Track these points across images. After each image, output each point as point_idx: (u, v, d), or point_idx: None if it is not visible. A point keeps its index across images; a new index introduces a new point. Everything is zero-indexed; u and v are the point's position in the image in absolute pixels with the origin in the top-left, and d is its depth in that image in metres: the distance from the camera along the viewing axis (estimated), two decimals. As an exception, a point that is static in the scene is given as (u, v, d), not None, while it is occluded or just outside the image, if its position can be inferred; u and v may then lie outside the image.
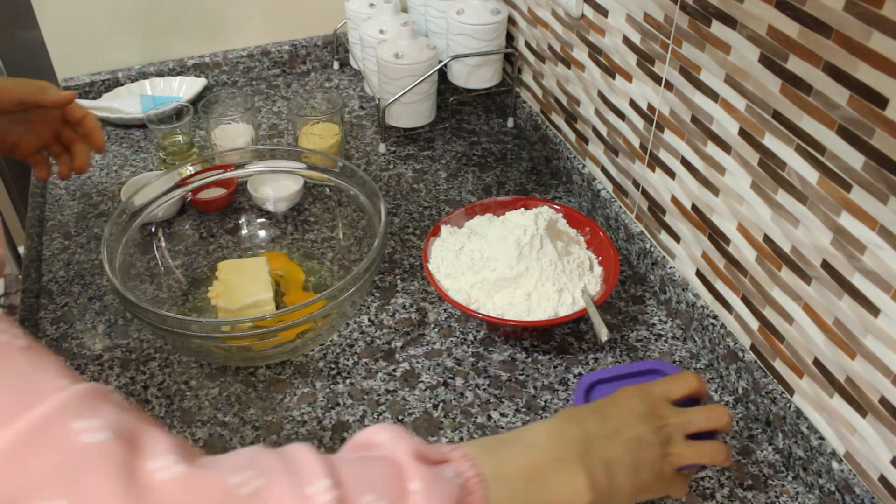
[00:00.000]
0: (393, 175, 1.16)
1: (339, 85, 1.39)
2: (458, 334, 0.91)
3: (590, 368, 0.87)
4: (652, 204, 0.95)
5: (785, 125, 0.70)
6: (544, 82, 1.17)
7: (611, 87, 0.98)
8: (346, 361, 0.88)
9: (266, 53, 1.39)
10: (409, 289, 0.97)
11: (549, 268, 0.86)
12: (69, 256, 1.02)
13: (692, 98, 0.82)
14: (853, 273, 0.66)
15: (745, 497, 0.75)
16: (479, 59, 1.18)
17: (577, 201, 1.12)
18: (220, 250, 1.00)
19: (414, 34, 1.14)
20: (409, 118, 1.19)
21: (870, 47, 0.59)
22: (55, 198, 1.12)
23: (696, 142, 0.83)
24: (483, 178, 1.16)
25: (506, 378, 0.86)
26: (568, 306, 0.85)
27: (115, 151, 1.22)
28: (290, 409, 0.83)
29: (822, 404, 0.73)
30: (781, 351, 0.77)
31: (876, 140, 0.60)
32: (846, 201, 0.65)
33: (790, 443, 0.76)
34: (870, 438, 0.68)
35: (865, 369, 0.67)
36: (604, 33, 0.97)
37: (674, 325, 0.92)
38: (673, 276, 0.92)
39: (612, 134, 1.01)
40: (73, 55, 1.30)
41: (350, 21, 1.30)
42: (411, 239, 1.05)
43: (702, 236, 0.86)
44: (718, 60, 0.76)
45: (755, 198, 0.76)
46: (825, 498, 0.73)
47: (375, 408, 0.83)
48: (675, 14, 0.81)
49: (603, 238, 0.93)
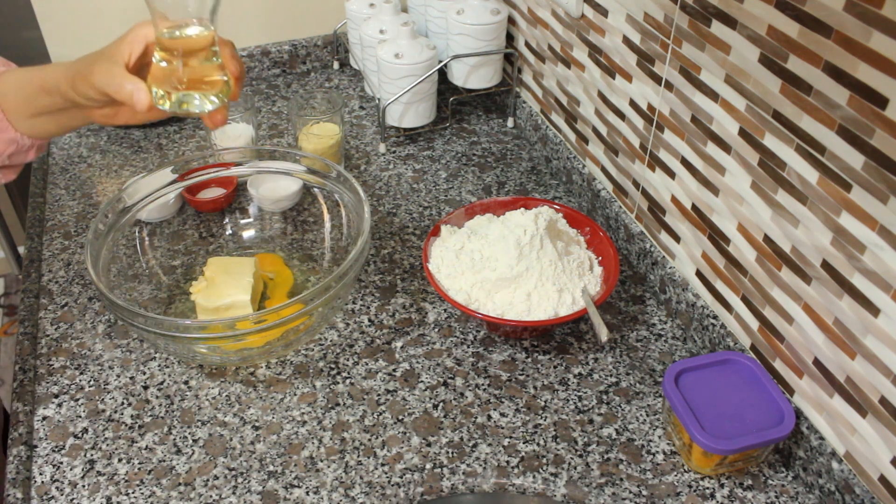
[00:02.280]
0: (393, 175, 1.16)
1: (339, 85, 1.39)
2: (458, 334, 0.91)
3: (590, 369, 0.87)
4: (652, 204, 0.95)
5: (785, 125, 0.70)
6: (544, 82, 1.17)
7: (611, 87, 0.98)
8: (346, 361, 0.88)
9: (266, 53, 1.39)
10: (409, 289, 0.97)
11: (549, 268, 0.86)
12: (69, 256, 1.02)
13: (692, 98, 0.82)
14: (853, 273, 0.66)
15: (745, 497, 0.75)
16: (479, 59, 1.18)
17: (577, 201, 1.12)
18: (219, 250, 1.00)
19: (414, 34, 1.14)
20: (409, 118, 1.19)
21: (870, 47, 0.59)
22: (55, 198, 1.12)
23: (696, 142, 0.83)
24: (483, 178, 1.16)
25: (506, 378, 0.86)
26: (568, 306, 0.85)
27: (115, 151, 1.22)
28: (290, 409, 0.83)
29: (822, 404, 0.73)
30: (781, 351, 0.77)
31: (876, 140, 0.60)
32: (846, 201, 0.65)
33: (790, 443, 0.76)
34: (870, 438, 0.68)
35: (865, 369, 0.67)
36: (604, 33, 0.97)
37: (674, 325, 0.92)
38: (673, 276, 0.92)
39: (612, 134, 1.00)
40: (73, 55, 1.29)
41: (350, 21, 1.30)
42: (411, 239, 1.05)
43: (702, 236, 0.86)
44: (718, 60, 0.76)
45: (755, 198, 0.76)
46: (825, 498, 0.73)
47: (375, 408, 0.83)
48: (675, 14, 0.81)
49: (603, 238, 0.93)
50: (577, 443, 0.79)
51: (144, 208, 0.91)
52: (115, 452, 0.78)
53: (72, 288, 0.97)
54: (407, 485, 0.76)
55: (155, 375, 0.86)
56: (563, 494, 0.75)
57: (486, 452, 0.78)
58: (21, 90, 0.73)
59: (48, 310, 0.94)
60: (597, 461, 0.78)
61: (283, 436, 0.80)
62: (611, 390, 0.85)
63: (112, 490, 0.75)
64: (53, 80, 0.71)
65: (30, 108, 0.74)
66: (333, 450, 0.79)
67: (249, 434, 0.80)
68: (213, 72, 0.70)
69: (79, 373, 0.86)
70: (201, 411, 0.82)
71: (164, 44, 0.67)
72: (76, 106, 0.72)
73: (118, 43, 0.70)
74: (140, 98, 0.67)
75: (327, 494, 0.75)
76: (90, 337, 0.91)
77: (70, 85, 0.70)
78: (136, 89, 0.67)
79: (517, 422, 0.81)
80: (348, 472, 0.77)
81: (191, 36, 0.67)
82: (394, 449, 0.79)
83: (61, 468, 0.77)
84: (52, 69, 0.72)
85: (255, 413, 0.82)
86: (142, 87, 0.68)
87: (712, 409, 0.74)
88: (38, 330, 0.92)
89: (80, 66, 0.70)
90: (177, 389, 0.85)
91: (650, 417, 0.82)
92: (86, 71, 0.69)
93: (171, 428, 0.81)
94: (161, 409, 0.83)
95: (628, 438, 0.80)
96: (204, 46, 0.68)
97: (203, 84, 0.69)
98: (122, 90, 0.68)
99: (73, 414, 0.82)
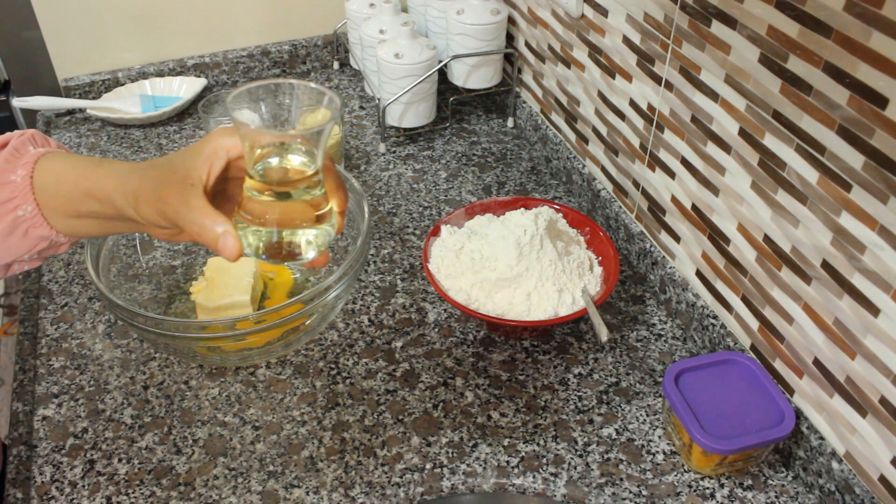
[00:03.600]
0: (393, 175, 1.16)
1: (339, 85, 1.39)
2: (458, 334, 0.91)
3: (590, 369, 0.87)
4: (652, 204, 0.95)
5: (785, 125, 0.70)
6: (544, 82, 1.17)
7: (611, 87, 0.98)
8: (346, 361, 0.88)
9: (266, 53, 1.39)
10: (409, 289, 0.97)
11: (549, 268, 0.86)
12: (69, 256, 1.02)
13: (692, 98, 0.82)
14: (853, 273, 0.66)
15: (745, 497, 0.75)
16: (479, 59, 1.18)
17: (577, 201, 1.12)
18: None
19: (414, 34, 1.14)
20: (409, 118, 1.19)
21: (870, 47, 0.59)
22: (55, 198, 1.12)
23: (696, 142, 0.83)
24: (483, 178, 1.16)
25: (506, 378, 0.86)
26: (568, 306, 0.85)
27: (116, 151, 1.22)
28: (290, 409, 0.83)
29: (822, 404, 0.73)
30: (781, 351, 0.77)
31: (876, 140, 0.60)
32: (846, 201, 0.65)
33: (790, 443, 0.76)
34: (870, 438, 0.68)
35: (865, 369, 0.67)
36: (604, 33, 0.97)
37: (674, 325, 0.92)
38: (673, 276, 0.92)
39: (612, 134, 1.00)
40: (73, 55, 1.30)
41: (350, 21, 1.30)
42: (411, 239, 1.05)
43: (702, 236, 0.86)
44: (718, 60, 0.76)
45: (755, 198, 0.76)
46: (825, 498, 0.73)
47: (375, 408, 0.83)
48: (675, 14, 0.81)
49: (603, 238, 0.93)
50: (577, 443, 0.79)
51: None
52: (115, 452, 0.78)
53: (72, 288, 0.97)
54: (407, 485, 0.76)
55: (155, 375, 0.86)
56: (563, 494, 0.75)
57: (486, 452, 0.78)
58: (63, 188, 0.58)
59: (48, 310, 0.94)
60: (597, 461, 0.78)
61: (283, 436, 0.80)
62: (611, 390, 0.85)
63: (112, 490, 0.75)
64: (106, 189, 0.57)
65: (71, 210, 0.59)
66: (333, 450, 0.79)
67: (249, 434, 0.80)
68: (318, 206, 0.54)
69: (79, 373, 0.86)
70: (201, 411, 0.82)
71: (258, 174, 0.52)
72: (130, 221, 0.58)
73: (194, 156, 0.55)
74: (228, 245, 0.53)
75: (327, 494, 0.75)
76: (90, 337, 0.91)
77: (130, 202, 0.56)
78: (225, 234, 0.53)
79: (517, 422, 0.81)
80: (348, 472, 0.77)
81: (295, 166, 0.52)
82: (394, 449, 0.79)
83: (61, 468, 0.77)
84: (105, 174, 0.58)
85: (255, 413, 0.82)
86: (230, 232, 0.53)
87: (712, 409, 0.74)
88: (38, 330, 0.92)
89: (143, 183, 0.56)
90: (177, 389, 0.85)
91: (650, 417, 0.82)
92: (152, 194, 0.55)
93: (171, 428, 0.81)
94: (161, 409, 0.83)
95: (628, 438, 0.80)
96: (309, 177, 0.52)
97: (306, 223, 0.54)
98: (206, 233, 0.53)
99: (73, 414, 0.82)
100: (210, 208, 0.54)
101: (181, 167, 0.55)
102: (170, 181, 0.54)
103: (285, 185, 0.53)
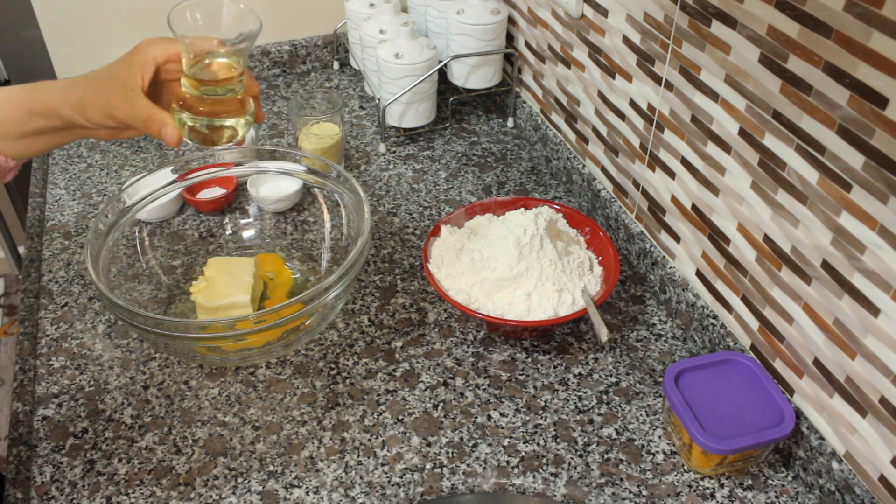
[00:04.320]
0: (393, 175, 1.16)
1: (339, 85, 1.39)
2: (458, 334, 0.91)
3: (590, 369, 0.87)
4: (652, 204, 0.95)
5: (785, 125, 0.70)
6: (544, 82, 1.17)
7: (611, 87, 0.98)
8: (346, 361, 0.88)
9: (266, 53, 1.39)
10: (409, 289, 0.97)
11: (549, 268, 0.86)
12: (69, 256, 1.02)
13: (692, 98, 0.82)
14: (853, 273, 0.66)
15: (745, 497, 0.75)
16: (479, 59, 1.18)
17: (577, 201, 1.12)
18: (219, 250, 1.00)
19: (414, 34, 1.14)
20: (409, 118, 1.19)
21: (870, 47, 0.59)
22: (55, 198, 1.12)
23: (696, 142, 0.83)
24: (483, 178, 1.16)
25: (506, 378, 0.86)
26: (568, 306, 0.85)
27: (115, 151, 1.22)
28: (290, 409, 0.83)
29: (822, 404, 0.73)
30: (781, 351, 0.77)
31: (876, 140, 0.60)
32: (846, 201, 0.65)
33: (790, 443, 0.76)
34: (870, 438, 0.68)
35: (865, 369, 0.67)
36: (604, 33, 0.97)
37: (674, 325, 0.92)
38: (673, 276, 0.92)
39: (612, 134, 1.00)
40: (73, 55, 1.30)
41: (350, 21, 1.30)
42: (411, 239, 1.05)
43: (702, 236, 0.86)
44: (718, 60, 0.76)
45: (755, 198, 0.76)
46: (825, 498, 0.73)
47: (375, 408, 0.83)
48: (675, 14, 0.81)
49: (603, 238, 0.93)
50: (577, 443, 0.79)
51: (144, 208, 0.91)
52: (115, 452, 0.78)
53: (72, 288, 0.97)
54: (407, 485, 0.76)
55: (155, 375, 0.86)
56: (563, 494, 0.75)
57: (486, 452, 0.78)
58: (7, 113, 0.67)
59: (48, 310, 0.94)
60: (597, 461, 0.78)
61: (283, 436, 0.80)
62: (611, 390, 0.85)
63: (112, 490, 0.75)
64: (50, 104, 0.67)
65: (17, 130, 0.68)
66: (333, 450, 0.79)
67: (249, 434, 0.80)
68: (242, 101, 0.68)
69: (79, 373, 0.86)
70: (201, 411, 0.82)
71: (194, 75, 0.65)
72: (77, 127, 0.69)
73: (128, 65, 0.66)
74: (169, 133, 0.65)
75: (327, 494, 0.75)
76: (90, 337, 0.91)
77: (77, 111, 0.66)
78: (165, 123, 0.65)
79: (517, 422, 0.81)
80: (348, 472, 0.77)
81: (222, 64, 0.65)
82: (394, 449, 0.79)
83: (61, 468, 0.77)
84: (46, 92, 0.68)
85: (255, 413, 0.82)
86: (169, 122, 0.65)
87: (712, 409, 0.74)
88: (38, 330, 0.92)
89: (88, 93, 0.66)
90: (177, 389, 0.85)
91: (650, 417, 0.82)
92: (99, 100, 0.65)
93: (171, 428, 0.81)
94: (161, 409, 0.83)
95: (628, 438, 0.80)
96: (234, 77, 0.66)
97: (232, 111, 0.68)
98: (150, 125, 0.65)
99: (73, 414, 0.82)
100: (153, 106, 0.65)
101: (119, 76, 0.66)
102: (113, 88, 0.65)
103: (215, 84, 0.66)
